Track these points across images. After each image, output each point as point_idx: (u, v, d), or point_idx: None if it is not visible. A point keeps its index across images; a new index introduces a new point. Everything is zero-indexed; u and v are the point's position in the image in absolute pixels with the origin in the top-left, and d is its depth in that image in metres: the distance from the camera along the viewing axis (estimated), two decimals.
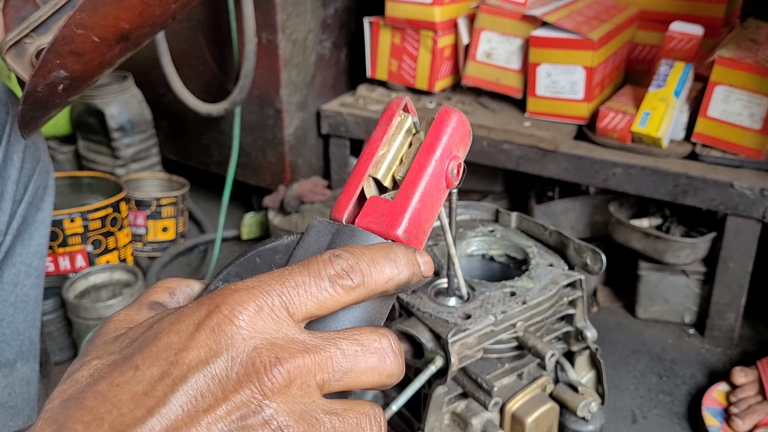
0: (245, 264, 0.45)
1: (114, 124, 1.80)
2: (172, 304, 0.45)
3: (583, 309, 0.99)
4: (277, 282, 0.37)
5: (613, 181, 1.46)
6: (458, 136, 0.51)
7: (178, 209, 1.80)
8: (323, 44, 1.77)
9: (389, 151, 0.51)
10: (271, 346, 0.35)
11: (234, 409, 0.34)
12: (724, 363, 1.43)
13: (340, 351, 0.37)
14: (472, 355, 0.89)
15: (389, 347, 0.39)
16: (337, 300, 0.38)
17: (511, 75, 1.64)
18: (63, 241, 1.50)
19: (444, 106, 0.52)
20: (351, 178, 0.50)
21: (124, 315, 0.42)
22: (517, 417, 0.95)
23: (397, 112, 0.53)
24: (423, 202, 0.48)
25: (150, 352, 0.35)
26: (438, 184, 0.49)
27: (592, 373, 1.09)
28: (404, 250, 0.42)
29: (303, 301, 0.37)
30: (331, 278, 0.38)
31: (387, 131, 0.52)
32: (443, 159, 0.49)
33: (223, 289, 0.37)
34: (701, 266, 1.47)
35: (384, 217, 0.46)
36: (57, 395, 0.36)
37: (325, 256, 0.39)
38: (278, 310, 0.37)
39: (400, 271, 0.41)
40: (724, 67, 1.40)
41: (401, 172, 0.51)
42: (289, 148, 1.76)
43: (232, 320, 0.35)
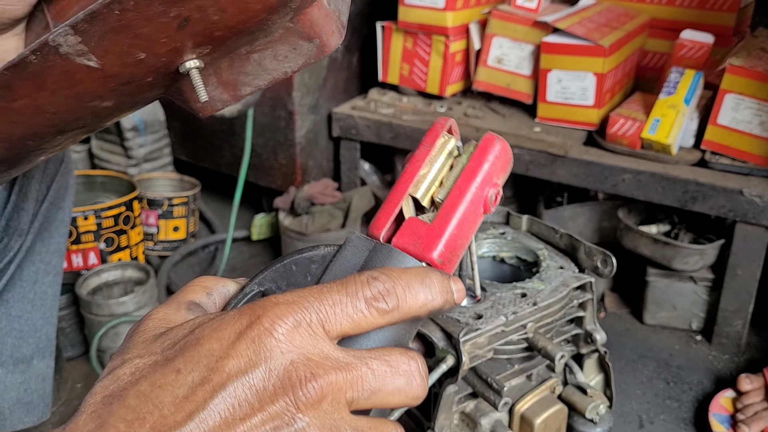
0: (281, 270, 0.47)
1: (127, 125, 1.82)
2: (209, 304, 0.47)
3: (592, 312, 1.00)
4: (316, 299, 0.39)
5: (622, 187, 1.47)
6: (500, 164, 0.51)
7: (189, 209, 1.82)
8: (336, 48, 1.78)
9: (430, 172, 0.52)
10: (307, 361, 0.37)
11: (268, 419, 0.36)
12: (731, 370, 1.43)
13: (371, 371, 0.38)
14: (483, 355, 0.90)
15: (417, 370, 0.40)
16: (370, 322, 0.40)
17: (522, 80, 1.65)
18: (76, 239, 1.52)
19: (489, 132, 0.53)
20: (390, 195, 0.51)
21: (163, 314, 0.43)
22: (526, 418, 0.96)
23: (441, 134, 0.54)
24: (460, 228, 0.48)
25: (192, 357, 0.37)
26: (476, 210, 0.50)
27: (600, 376, 1.10)
28: (439, 277, 0.43)
29: (339, 320, 0.39)
30: (368, 300, 0.39)
31: (430, 152, 0.52)
32: (483, 186, 0.50)
33: (264, 301, 0.38)
34: (709, 273, 1.48)
35: (421, 240, 0.47)
36: (98, 390, 0.37)
37: (364, 277, 0.40)
38: (315, 327, 0.38)
39: (434, 297, 0.42)
40: (734, 76, 1.41)
41: (440, 194, 0.51)
42: (300, 150, 1.77)
43: (271, 333, 0.37)
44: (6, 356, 0.99)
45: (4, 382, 1.00)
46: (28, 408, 1.05)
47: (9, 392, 1.02)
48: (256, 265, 1.84)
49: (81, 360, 1.46)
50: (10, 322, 0.98)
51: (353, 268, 0.46)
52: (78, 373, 1.43)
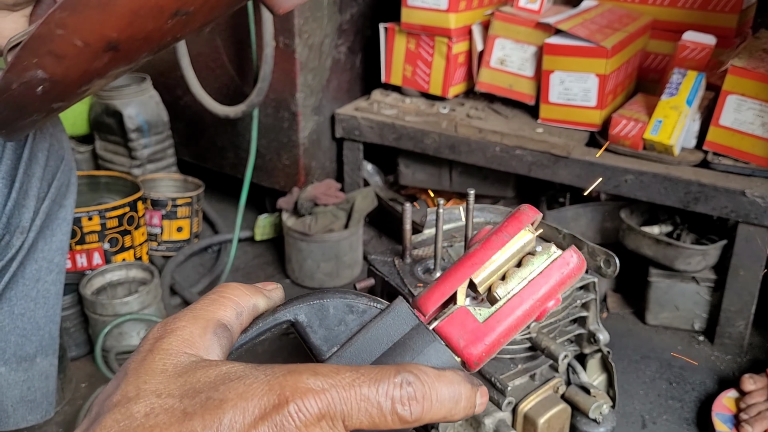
0: (317, 308, 0.46)
1: (131, 125, 1.82)
2: (236, 325, 0.46)
3: (595, 312, 1.00)
4: (346, 391, 0.39)
5: (624, 188, 1.47)
6: (569, 282, 0.50)
7: (193, 210, 1.82)
8: (339, 49, 1.79)
9: (496, 261, 0.50)
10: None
11: None
12: (733, 370, 1.44)
13: None
14: None
15: None
16: (387, 425, 0.40)
17: (524, 82, 1.65)
18: (81, 239, 1.53)
19: (572, 247, 0.51)
20: (450, 275, 0.49)
21: (188, 333, 0.42)
22: (529, 417, 0.96)
23: (525, 227, 0.51)
24: (508, 334, 0.48)
25: (212, 422, 0.37)
26: (528, 320, 0.49)
27: (603, 376, 1.11)
28: (468, 391, 0.43)
29: (360, 417, 0.39)
30: (394, 404, 0.40)
31: (507, 242, 0.50)
32: (546, 300, 0.49)
33: (297, 378, 0.38)
34: (711, 273, 1.48)
35: (466, 335, 0.47)
36: (109, 423, 0.37)
37: (398, 379, 0.40)
38: (336, 421, 0.38)
39: (457, 413, 0.42)
40: (736, 77, 1.42)
41: (500, 289, 0.49)
42: (303, 151, 1.78)
43: (294, 421, 0.37)
44: (9, 354, 1.00)
45: (8, 380, 1.01)
46: (31, 406, 1.06)
47: (12, 390, 1.02)
48: (259, 266, 1.84)
49: (85, 360, 1.47)
50: (13, 320, 0.98)
51: (390, 340, 0.46)
52: (82, 373, 1.43)
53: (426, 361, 0.44)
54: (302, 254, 1.68)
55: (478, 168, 1.68)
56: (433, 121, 1.68)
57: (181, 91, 1.88)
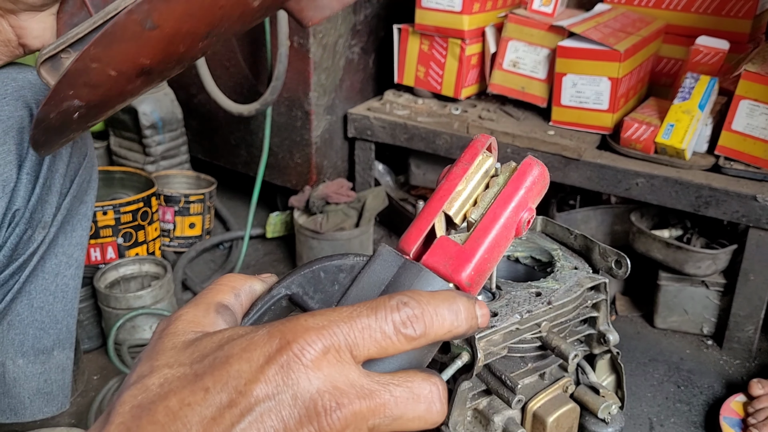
0: (309, 276, 0.48)
1: (146, 122, 1.84)
2: (236, 305, 0.47)
3: (606, 312, 1.01)
4: (346, 324, 0.39)
5: (635, 191, 1.48)
6: (537, 189, 0.51)
7: (205, 206, 1.84)
8: (352, 49, 1.80)
9: (465, 190, 0.52)
10: (333, 389, 0.38)
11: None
12: (742, 375, 1.44)
13: (394, 398, 0.40)
14: (497, 353, 0.91)
15: (437, 396, 0.41)
16: (397, 347, 0.41)
17: (537, 84, 1.66)
18: (95, 233, 1.54)
19: (529, 156, 0.53)
20: (424, 211, 0.51)
21: (192, 315, 0.44)
22: (538, 416, 0.97)
23: (481, 152, 0.53)
24: (491, 251, 0.49)
25: (221, 376, 0.38)
26: (508, 234, 0.50)
27: (612, 377, 1.11)
28: (467, 303, 0.43)
29: (366, 345, 0.40)
30: (396, 325, 0.40)
31: (468, 170, 0.52)
32: (518, 211, 0.50)
33: (295, 323, 0.39)
34: (721, 278, 1.49)
35: (451, 261, 0.48)
36: (127, 399, 0.38)
37: (394, 302, 0.41)
38: (343, 353, 0.39)
39: (460, 324, 0.43)
40: (749, 82, 1.42)
41: (474, 213, 0.52)
42: (315, 149, 1.79)
43: (300, 359, 0.38)
44: (27, 347, 1.01)
45: (25, 372, 1.02)
46: (47, 398, 1.07)
47: (29, 382, 1.04)
48: (270, 263, 1.85)
49: (98, 352, 1.49)
50: (32, 313, 1.00)
51: (381, 283, 0.47)
52: (95, 365, 1.45)
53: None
54: (313, 252, 1.69)
55: None
56: (444, 122, 1.69)
57: (195, 89, 1.90)
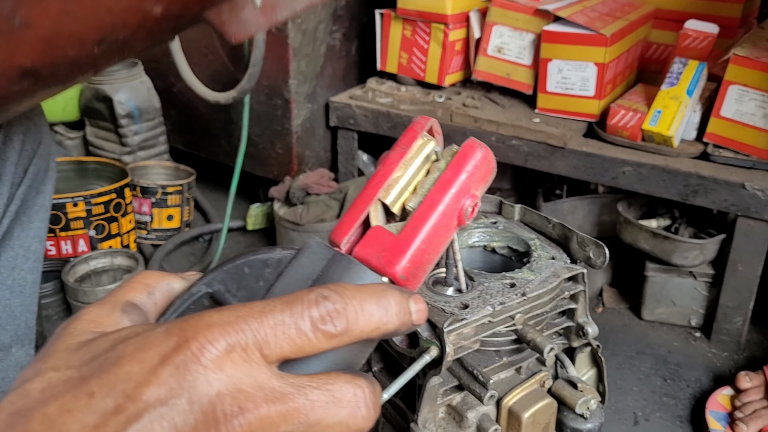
0: (233, 272, 0.43)
1: (122, 111, 1.80)
2: (149, 305, 0.43)
3: (584, 304, 0.97)
4: (256, 319, 0.35)
5: (622, 180, 1.44)
6: (480, 174, 0.47)
7: (184, 198, 1.79)
8: (333, 36, 1.75)
9: (403, 176, 0.48)
10: (236, 392, 0.34)
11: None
12: (730, 367, 1.40)
13: (309, 402, 0.35)
14: (469, 347, 0.87)
15: (362, 399, 0.37)
16: (315, 346, 0.36)
17: (522, 70, 1.62)
18: (65, 225, 1.50)
19: (471, 138, 0.48)
20: (357, 200, 0.47)
21: (94, 315, 0.40)
22: (513, 412, 0.93)
23: (420, 135, 0.49)
24: (429, 241, 0.45)
25: (108, 380, 0.33)
26: (448, 223, 0.46)
27: (593, 371, 1.07)
28: (398, 298, 0.39)
29: (279, 343, 0.35)
30: (314, 322, 0.36)
31: (405, 154, 0.48)
32: (459, 197, 0.46)
33: (197, 319, 0.35)
34: (709, 268, 1.45)
35: (385, 253, 0.44)
36: (4, 406, 0.34)
37: (312, 296, 0.37)
38: (251, 352, 0.35)
39: (389, 320, 0.39)
40: (738, 66, 1.38)
41: (413, 201, 0.48)
42: (296, 139, 1.75)
43: (199, 359, 0.33)
44: None
45: None
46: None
47: None
48: None
49: None
50: None
51: (308, 278, 0.42)
52: None
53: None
54: (293, 244, 1.64)
55: None
56: (428, 109, 1.64)
57: (173, 77, 1.85)
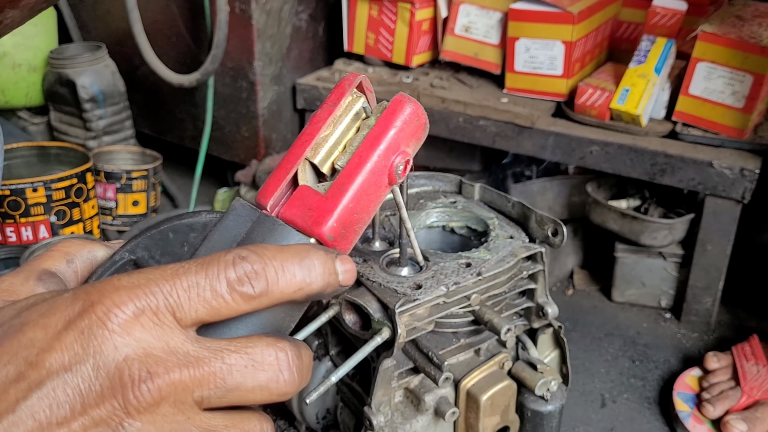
0: (157, 237, 0.42)
1: (85, 95, 1.76)
2: (68, 273, 0.41)
3: (544, 284, 0.95)
4: (167, 282, 0.34)
5: (590, 159, 1.42)
6: (410, 130, 0.46)
7: (150, 183, 1.76)
8: (300, 16, 1.72)
9: (332, 135, 0.46)
10: (145, 357, 0.32)
11: (91, 424, 0.31)
12: (699, 348, 1.39)
13: (227, 366, 0.34)
14: (423, 328, 0.85)
15: (285, 363, 0.35)
16: (233, 308, 0.35)
17: (490, 50, 1.59)
18: (25, 211, 1.46)
19: (400, 93, 0.47)
20: (284, 159, 0.46)
21: (8, 284, 0.38)
22: (471, 394, 0.91)
23: (349, 91, 0.48)
24: (358, 200, 0.43)
25: (10, 347, 0.32)
26: (379, 181, 0.45)
27: (556, 352, 1.06)
28: (322, 257, 0.38)
29: (193, 306, 0.34)
30: (230, 283, 0.34)
31: (334, 111, 0.47)
32: (389, 154, 0.45)
33: (105, 283, 0.33)
34: (679, 249, 1.43)
35: (311, 212, 0.42)
36: None
37: (230, 257, 0.35)
38: (162, 315, 0.33)
39: (313, 280, 0.37)
40: (706, 43, 1.36)
41: (342, 160, 0.46)
42: (263, 122, 1.72)
43: (105, 323, 0.32)
44: None
45: None
46: None
47: None
48: None
49: None
50: None
51: (233, 240, 0.41)
52: None
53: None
54: None
55: (443, 140, 1.62)
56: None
57: (138, 60, 1.81)
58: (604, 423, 1.21)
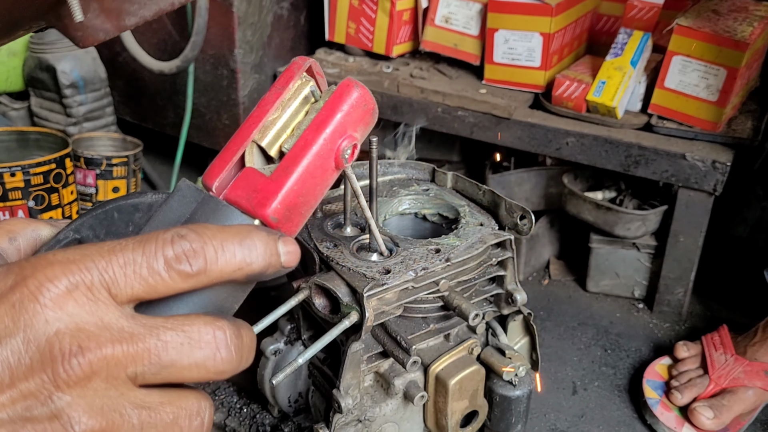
0: (101, 217, 0.42)
1: (65, 81, 1.75)
2: (11, 250, 0.42)
3: (513, 271, 0.96)
4: (103, 258, 0.34)
5: (565, 151, 1.43)
6: (357, 114, 0.46)
7: (130, 169, 1.76)
8: (281, 5, 1.72)
9: (280, 118, 0.47)
10: (76, 331, 0.32)
11: (20, 397, 0.31)
12: (671, 338, 1.41)
13: (162, 343, 0.34)
14: (391, 312, 0.87)
15: (223, 342, 0.36)
16: (170, 286, 0.35)
17: (470, 41, 1.60)
18: (3, 196, 1.46)
19: (348, 78, 0.48)
20: (231, 141, 0.46)
21: None
22: (440, 378, 0.93)
23: (298, 75, 0.48)
24: (303, 183, 0.44)
25: None
26: (325, 165, 0.45)
27: (526, 339, 1.07)
28: (264, 238, 0.38)
29: (129, 283, 0.34)
30: (168, 261, 0.35)
31: (282, 95, 0.47)
32: (335, 138, 0.45)
33: (39, 258, 0.33)
34: (652, 240, 1.45)
35: (255, 194, 0.43)
36: None
37: (168, 235, 0.35)
38: (97, 291, 0.33)
39: (254, 260, 0.38)
40: (681, 37, 1.38)
41: (288, 143, 0.47)
42: (243, 110, 1.72)
43: (37, 297, 0.32)
44: None
45: None
46: None
47: None
48: None
49: None
50: None
51: (177, 221, 0.42)
52: None
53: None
54: None
55: (422, 130, 1.63)
56: (375, 80, 1.62)
57: (119, 46, 1.81)
58: (574, 410, 1.23)
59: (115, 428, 0.33)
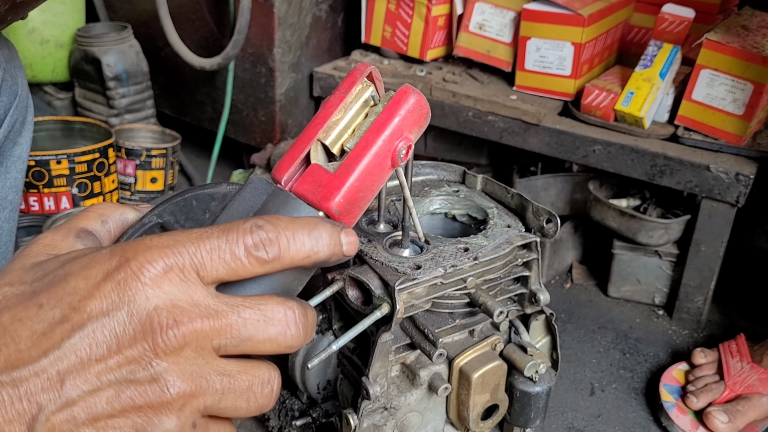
0: (181, 204, 0.47)
1: (110, 73, 1.82)
2: (103, 232, 0.46)
3: (537, 272, 1.00)
4: (193, 243, 0.39)
5: (592, 158, 1.47)
6: (413, 118, 0.51)
7: (168, 161, 1.82)
8: (320, 6, 1.78)
9: (343, 119, 0.51)
10: (172, 307, 0.37)
11: (125, 362, 0.36)
12: (689, 345, 1.44)
13: (242, 319, 0.39)
14: (420, 306, 0.91)
15: (293, 320, 0.40)
16: (248, 270, 0.40)
17: (502, 48, 1.64)
18: (48, 182, 1.53)
19: (406, 84, 0.52)
20: (299, 140, 0.51)
21: (50, 239, 0.43)
22: (464, 372, 0.97)
23: (359, 80, 0.53)
24: (363, 180, 0.48)
25: (56, 293, 0.37)
26: (382, 163, 0.50)
27: (547, 338, 1.11)
28: (329, 229, 0.43)
29: (215, 266, 0.39)
30: (248, 248, 0.39)
31: (345, 98, 0.52)
32: (392, 139, 0.50)
33: (138, 242, 0.38)
34: (674, 248, 1.48)
35: (321, 188, 0.47)
36: None
37: (247, 225, 0.40)
38: (188, 272, 0.38)
39: (320, 249, 0.42)
40: (710, 51, 1.41)
41: (350, 143, 0.51)
42: (279, 107, 1.78)
43: (138, 277, 0.37)
44: None
45: None
46: None
47: None
48: None
49: None
50: None
51: (250, 210, 0.46)
52: None
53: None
54: None
55: (453, 133, 1.68)
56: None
57: (162, 42, 1.87)
58: (591, 410, 1.27)
59: (201, 391, 0.38)
